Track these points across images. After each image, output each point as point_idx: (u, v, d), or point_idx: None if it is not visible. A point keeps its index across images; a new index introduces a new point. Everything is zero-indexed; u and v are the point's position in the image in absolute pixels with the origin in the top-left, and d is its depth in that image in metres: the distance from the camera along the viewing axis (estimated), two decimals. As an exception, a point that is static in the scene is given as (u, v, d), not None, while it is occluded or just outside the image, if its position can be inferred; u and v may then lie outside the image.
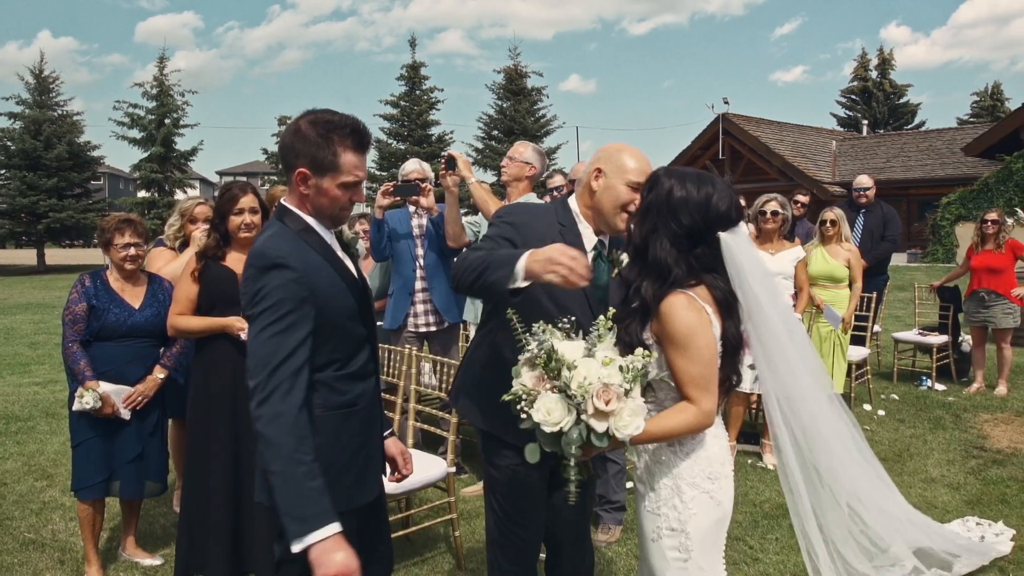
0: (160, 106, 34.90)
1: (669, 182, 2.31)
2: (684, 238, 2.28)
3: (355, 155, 2.26)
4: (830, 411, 2.67)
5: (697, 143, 31.88)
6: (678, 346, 2.23)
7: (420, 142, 36.36)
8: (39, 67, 34.55)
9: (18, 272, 31.52)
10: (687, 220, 2.27)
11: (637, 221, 2.38)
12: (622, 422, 2.10)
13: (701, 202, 2.27)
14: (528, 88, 37.96)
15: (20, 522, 4.74)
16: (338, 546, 2.00)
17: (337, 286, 2.28)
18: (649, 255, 2.30)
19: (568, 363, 2.11)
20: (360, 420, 2.37)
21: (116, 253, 3.99)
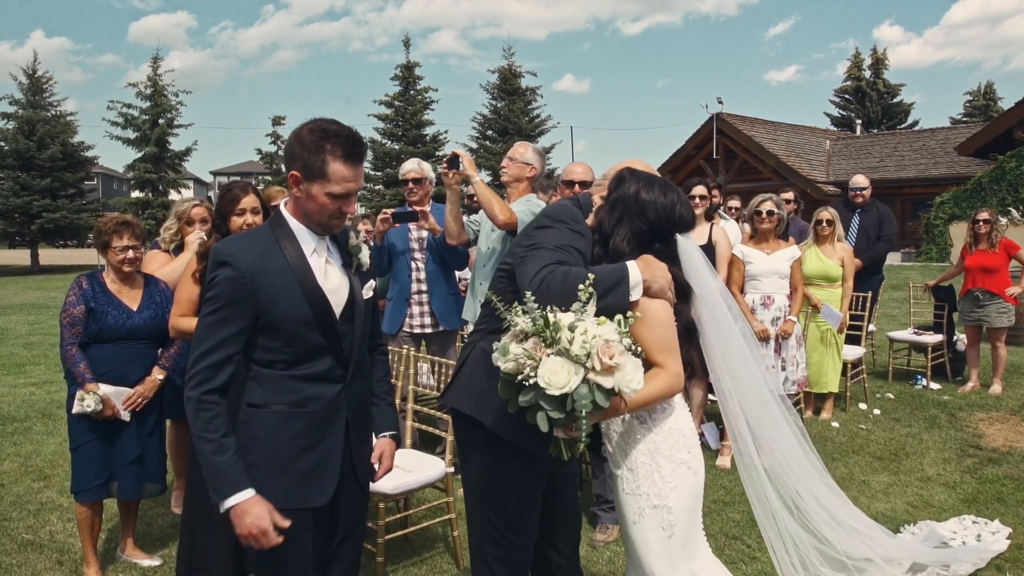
0: (154, 106, 34.80)
1: (636, 184, 2.53)
2: (647, 234, 2.50)
3: (344, 166, 2.30)
4: (778, 410, 2.82)
5: (691, 143, 31.94)
6: (650, 324, 2.37)
7: (415, 142, 36.33)
8: (32, 67, 34.44)
9: (12, 272, 31.39)
10: (652, 218, 2.50)
11: (605, 210, 2.56)
12: (627, 375, 2.14)
13: (667, 206, 2.50)
14: (522, 88, 37.98)
15: (18, 523, 4.74)
16: (248, 509, 2.26)
17: (291, 293, 2.34)
18: (611, 244, 2.50)
19: (566, 326, 2.16)
20: (308, 423, 2.40)
21: (114, 255, 3.99)
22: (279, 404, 2.38)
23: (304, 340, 2.38)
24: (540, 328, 2.17)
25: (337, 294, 2.45)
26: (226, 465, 2.27)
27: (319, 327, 2.38)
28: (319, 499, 2.43)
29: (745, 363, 2.76)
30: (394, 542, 4.21)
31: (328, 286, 2.42)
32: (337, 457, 2.47)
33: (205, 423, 2.27)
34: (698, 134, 31.74)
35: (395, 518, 4.16)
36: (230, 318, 2.30)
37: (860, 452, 5.98)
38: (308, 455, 2.41)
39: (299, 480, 2.39)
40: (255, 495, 2.28)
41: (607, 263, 2.48)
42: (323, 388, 2.43)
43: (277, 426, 2.38)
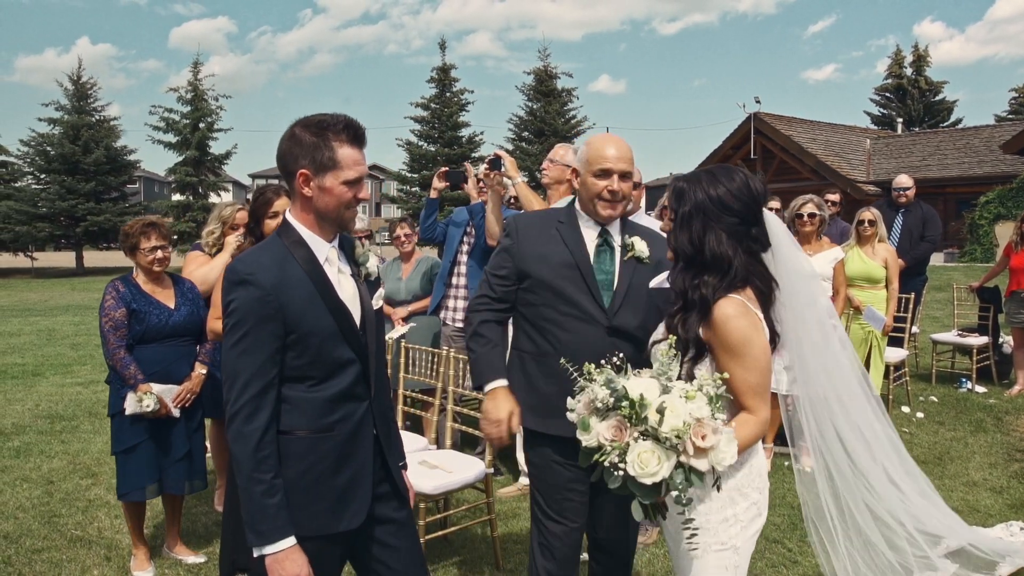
0: (194, 110, 35.39)
1: (699, 187, 2.32)
2: (740, 225, 2.30)
3: (352, 149, 2.25)
4: (872, 411, 2.65)
5: (728, 142, 31.64)
6: (734, 354, 2.19)
7: (451, 144, 36.48)
8: (77, 73, 35.24)
9: (58, 274, 32.13)
10: (739, 206, 2.29)
11: (679, 231, 2.33)
12: (721, 454, 2.01)
13: (742, 187, 2.30)
14: (558, 89, 37.93)
15: (67, 519, 4.85)
16: (287, 559, 2.17)
17: (315, 304, 2.25)
18: (707, 253, 2.27)
19: (654, 406, 2.00)
20: (336, 446, 2.31)
21: (143, 257, 4.05)
22: (306, 429, 2.28)
23: (330, 354, 2.28)
24: (626, 410, 2.02)
25: (353, 303, 2.36)
26: (276, 509, 2.18)
27: (345, 339, 2.30)
28: (352, 521, 2.33)
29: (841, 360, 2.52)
30: (434, 542, 4.24)
31: (343, 296, 2.33)
32: (367, 476, 2.37)
33: (258, 462, 2.17)
34: (735, 134, 31.44)
35: (435, 518, 4.19)
36: (262, 341, 2.18)
37: (903, 456, 5.87)
38: (338, 477, 2.32)
39: (331, 504, 2.31)
40: (296, 543, 2.20)
41: (710, 275, 2.27)
42: (349, 407, 2.34)
43: (305, 451, 2.28)
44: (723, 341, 2.20)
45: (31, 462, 6.02)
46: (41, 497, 5.24)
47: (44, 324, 14.98)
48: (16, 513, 4.96)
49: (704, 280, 2.26)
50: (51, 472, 5.77)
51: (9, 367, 10.19)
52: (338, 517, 2.31)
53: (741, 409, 2.22)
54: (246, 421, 2.16)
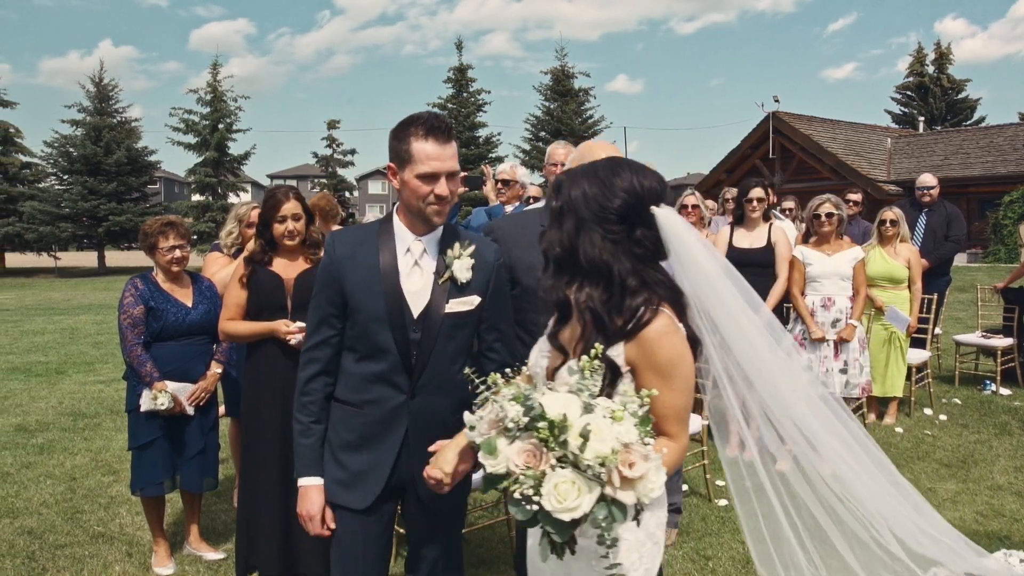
0: (214, 111, 35.70)
1: (577, 182, 1.98)
2: (617, 223, 1.93)
3: (428, 143, 2.30)
4: (829, 414, 2.26)
5: (747, 142, 31.44)
6: (663, 376, 1.88)
7: (468, 144, 36.56)
8: (99, 75, 35.70)
9: (80, 274, 32.49)
10: (617, 202, 1.93)
11: (550, 228, 2.00)
12: (650, 484, 1.70)
13: (626, 186, 1.95)
14: (575, 89, 37.93)
15: (89, 515, 4.90)
16: (306, 494, 2.45)
17: (371, 286, 2.37)
18: (581, 257, 1.93)
19: (576, 428, 1.69)
20: (361, 426, 2.42)
21: (162, 256, 4.08)
22: (346, 401, 2.45)
23: (374, 336, 2.38)
24: (542, 431, 1.70)
25: (417, 297, 2.39)
26: (305, 449, 2.46)
27: (390, 326, 2.37)
28: (357, 502, 2.42)
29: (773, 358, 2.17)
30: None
31: (408, 287, 2.39)
32: (386, 468, 2.42)
33: (301, 406, 2.47)
34: (754, 133, 31.22)
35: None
36: (320, 303, 2.43)
37: (926, 459, 5.81)
38: (356, 456, 2.42)
39: (344, 478, 2.43)
40: (318, 484, 2.45)
41: (592, 287, 1.94)
42: (384, 392, 2.41)
43: (338, 419, 2.46)
44: (652, 361, 1.89)
45: (55, 459, 6.08)
46: (64, 493, 5.29)
47: (67, 323, 15.15)
48: (40, 509, 5.02)
49: (588, 295, 1.93)
50: (74, 469, 5.82)
51: (33, 365, 10.31)
52: (344, 492, 2.44)
53: (660, 435, 1.90)
54: (300, 368, 2.47)
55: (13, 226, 32.83)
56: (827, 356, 5.64)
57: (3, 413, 7.63)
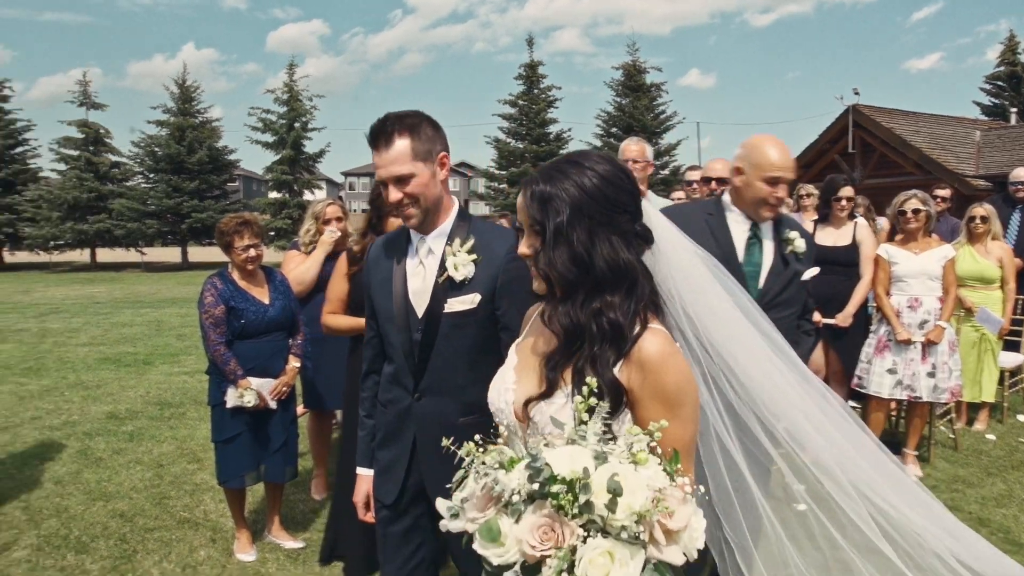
0: (290, 111, 36.56)
1: (567, 182, 1.67)
2: (628, 218, 1.69)
3: (374, 153, 2.31)
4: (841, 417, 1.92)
5: (825, 136, 30.48)
6: (671, 405, 1.60)
7: (538, 141, 36.58)
8: (183, 78, 36.96)
9: (164, 269, 33.75)
10: (625, 197, 1.69)
11: (553, 251, 1.66)
12: (694, 533, 1.44)
13: (615, 170, 1.70)
14: (647, 84, 37.48)
15: (176, 501, 5.08)
16: (359, 483, 2.60)
17: (385, 287, 2.44)
18: (600, 268, 1.64)
19: (602, 485, 1.38)
20: (385, 423, 2.50)
21: (237, 255, 4.17)
22: (379, 399, 2.56)
23: (388, 337, 2.46)
24: (561, 496, 1.39)
25: (420, 298, 2.38)
26: (360, 441, 2.62)
27: (397, 326, 2.40)
28: (385, 496, 2.49)
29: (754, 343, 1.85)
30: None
31: (413, 287, 2.40)
32: (400, 469, 2.45)
33: (360, 400, 2.62)
34: (832, 127, 30.25)
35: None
36: (366, 304, 2.55)
37: (1020, 468, 5.55)
38: (384, 452, 2.51)
39: (378, 472, 2.53)
40: (367, 475, 2.58)
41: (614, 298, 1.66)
42: (398, 393, 2.45)
43: (378, 415, 2.57)
44: (658, 389, 1.60)
45: (143, 446, 6.33)
46: (152, 479, 5.51)
47: (153, 316, 15.75)
48: (130, 493, 5.23)
49: (607, 302, 1.65)
50: (161, 456, 6.05)
51: (122, 356, 10.75)
52: (379, 485, 2.52)
53: None
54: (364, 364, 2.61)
55: (104, 223, 34.31)
56: (914, 359, 5.43)
57: (96, 401, 7.99)
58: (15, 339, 12.36)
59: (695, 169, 6.55)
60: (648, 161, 4.79)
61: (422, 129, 2.29)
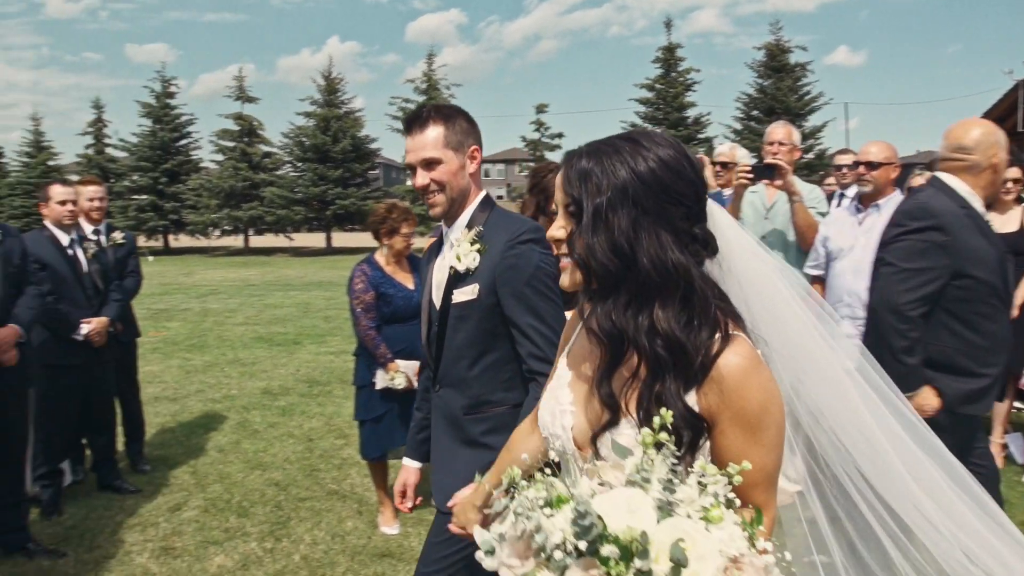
0: (429, 99, 37.46)
1: (617, 160, 1.41)
2: (685, 213, 1.42)
3: (406, 136, 2.32)
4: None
5: (990, 115, 28.23)
6: (753, 429, 1.37)
7: (676, 125, 35.83)
8: (328, 70, 38.65)
9: (310, 254, 35.50)
10: (684, 188, 1.41)
11: (591, 235, 1.40)
12: None
13: (681, 157, 1.43)
14: (790, 64, 35.89)
15: (325, 474, 5.38)
16: (401, 473, 2.61)
17: (425, 282, 2.50)
18: (641, 264, 1.37)
19: (664, 551, 1.16)
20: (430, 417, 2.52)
21: (400, 241, 4.36)
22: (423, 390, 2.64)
23: (423, 327, 2.50)
24: (611, 563, 1.17)
25: (438, 291, 2.38)
26: (408, 432, 2.71)
27: (423, 318, 2.48)
28: (437, 502, 2.37)
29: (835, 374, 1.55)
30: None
31: (435, 280, 2.42)
32: (438, 458, 2.42)
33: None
34: (999, 105, 27.90)
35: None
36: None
37: None
38: (431, 448, 2.52)
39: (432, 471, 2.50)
40: (409, 466, 2.61)
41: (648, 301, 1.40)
42: (429, 384, 2.51)
43: (424, 408, 2.62)
44: (739, 411, 1.36)
45: (294, 420, 6.74)
46: (303, 452, 5.85)
47: (301, 298, 16.64)
48: (284, 464, 5.58)
49: (658, 317, 1.39)
50: (310, 431, 6.42)
51: (274, 335, 11.44)
52: (433, 483, 2.46)
53: (744, 506, 1.34)
54: None
55: (256, 210, 36.48)
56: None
57: (252, 377, 8.55)
58: (181, 318, 13.39)
59: (845, 153, 6.27)
60: (795, 145, 4.63)
61: (457, 121, 2.31)
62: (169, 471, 5.46)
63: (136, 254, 5.77)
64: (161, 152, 37.07)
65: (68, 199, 4.77)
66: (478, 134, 2.36)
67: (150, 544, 4.32)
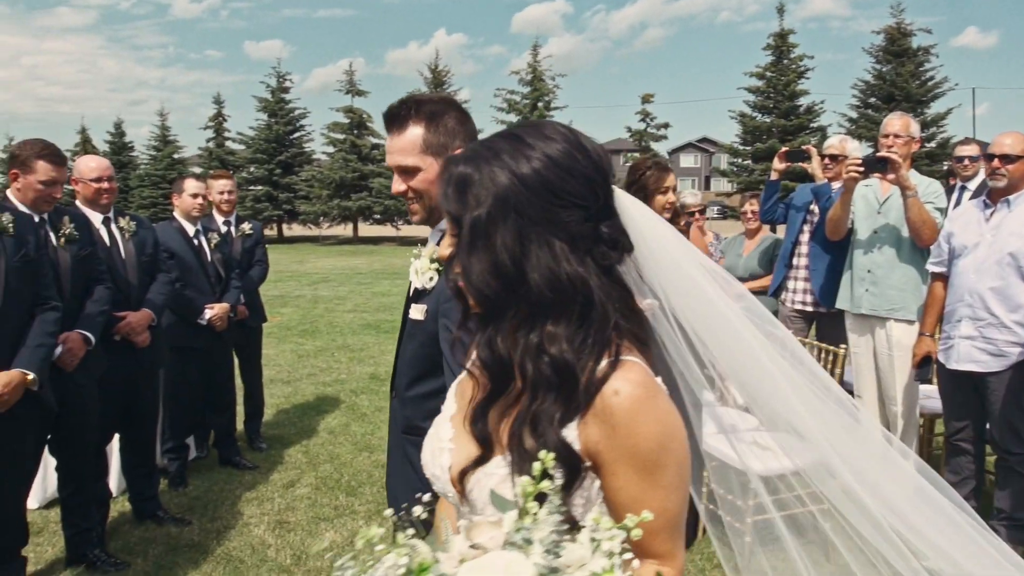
0: (533, 91, 37.65)
1: (495, 164, 1.22)
2: (585, 220, 1.22)
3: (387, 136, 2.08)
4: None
5: None
6: (647, 470, 1.16)
7: (787, 114, 34.72)
8: (435, 62, 39.37)
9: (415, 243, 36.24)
10: (579, 186, 1.21)
11: (468, 255, 1.22)
12: None
13: (573, 149, 1.23)
14: (912, 48, 34.14)
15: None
16: None
17: None
18: (531, 282, 1.19)
19: None
20: None
21: None
22: None
23: None
24: None
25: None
26: None
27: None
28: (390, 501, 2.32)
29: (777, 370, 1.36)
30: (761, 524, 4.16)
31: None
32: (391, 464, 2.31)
33: None
34: None
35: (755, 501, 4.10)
36: None
37: None
38: None
39: None
40: None
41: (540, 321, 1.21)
42: None
43: None
44: (630, 449, 1.16)
45: (400, 406, 6.95)
46: (408, 437, 6.03)
47: (406, 286, 17.04)
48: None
49: (549, 334, 1.20)
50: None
51: (381, 322, 11.80)
52: None
53: (645, 556, 1.18)
54: None
55: (365, 200, 37.56)
56: None
57: (361, 363, 8.87)
58: (294, 304, 13.99)
59: (968, 143, 5.97)
60: (912, 137, 4.45)
61: (442, 120, 2.00)
62: (284, 450, 5.75)
63: (263, 244, 6.08)
64: (276, 145, 38.65)
65: (200, 193, 5.08)
66: (470, 130, 2.07)
67: (266, 517, 4.58)
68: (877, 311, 4.55)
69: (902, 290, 4.49)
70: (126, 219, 4.31)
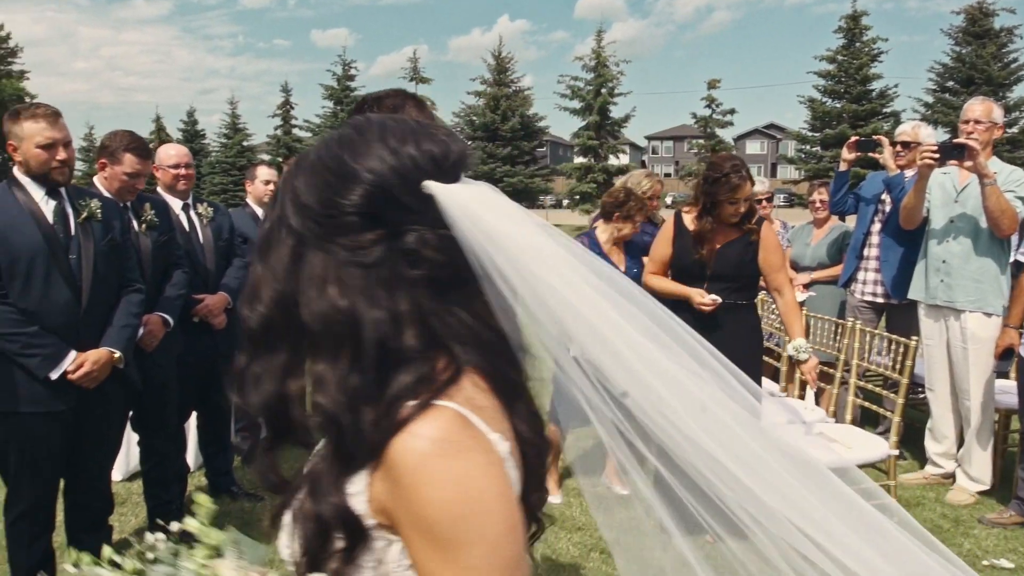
0: (597, 77, 37.35)
1: (298, 167, 1.05)
2: (361, 229, 0.97)
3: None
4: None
5: None
6: (439, 543, 0.92)
7: (858, 99, 33.70)
8: (498, 49, 39.40)
9: (478, 229, 36.66)
10: (356, 193, 0.97)
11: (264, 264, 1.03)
12: None
13: (373, 151, 0.99)
14: (995, 29, 32.77)
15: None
16: None
17: None
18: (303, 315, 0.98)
19: None
20: None
21: (630, 228, 4.36)
22: None
23: None
24: None
25: None
26: None
27: None
28: None
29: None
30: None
31: None
32: None
33: None
34: None
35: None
36: None
37: None
38: None
39: None
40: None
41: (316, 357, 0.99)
42: None
43: None
44: (417, 515, 0.92)
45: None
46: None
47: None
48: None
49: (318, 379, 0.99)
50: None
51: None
52: None
53: None
54: None
55: (428, 187, 38.04)
56: None
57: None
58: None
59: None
60: (994, 123, 4.31)
61: (404, 112, 1.90)
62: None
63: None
64: (342, 132, 39.36)
65: (271, 179, 5.25)
66: (428, 118, 1.96)
67: (334, 496, 4.71)
68: (952, 303, 4.43)
69: (978, 281, 4.36)
70: (204, 205, 4.48)
